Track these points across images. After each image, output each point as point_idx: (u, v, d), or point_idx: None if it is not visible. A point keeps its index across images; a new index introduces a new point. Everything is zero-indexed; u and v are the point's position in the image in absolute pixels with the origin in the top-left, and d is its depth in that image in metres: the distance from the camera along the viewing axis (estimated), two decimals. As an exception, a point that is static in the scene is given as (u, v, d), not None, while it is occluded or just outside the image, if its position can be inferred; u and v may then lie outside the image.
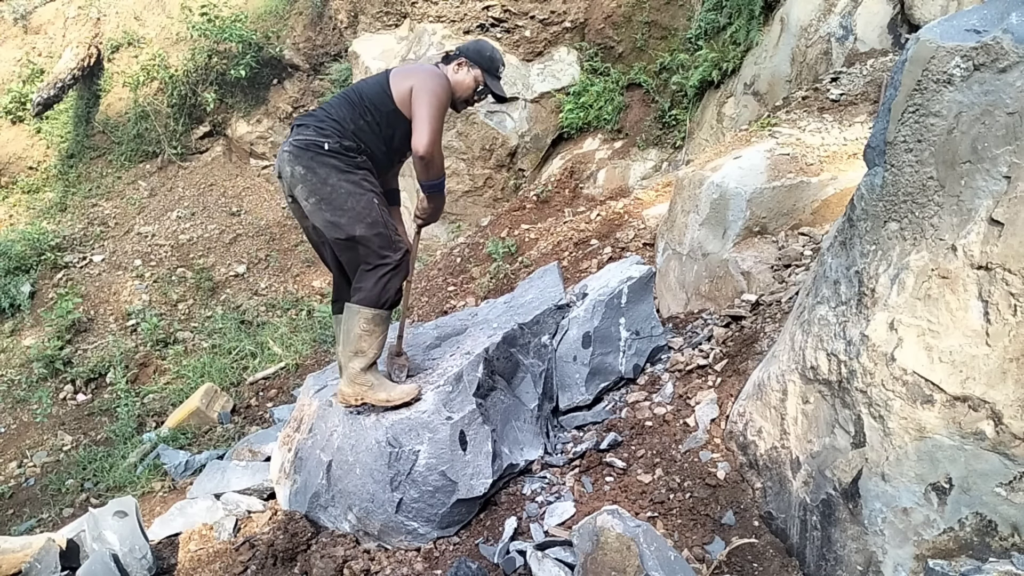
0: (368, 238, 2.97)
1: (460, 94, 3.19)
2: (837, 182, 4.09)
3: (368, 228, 2.97)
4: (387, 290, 3.01)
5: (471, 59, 3.17)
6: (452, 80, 3.15)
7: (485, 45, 3.23)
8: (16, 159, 10.20)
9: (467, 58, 3.17)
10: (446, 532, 3.09)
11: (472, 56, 3.17)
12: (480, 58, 3.17)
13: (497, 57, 3.21)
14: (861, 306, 2.31)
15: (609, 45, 8.29)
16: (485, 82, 3.18)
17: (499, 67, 3.22)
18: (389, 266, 2.99)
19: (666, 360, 3.83)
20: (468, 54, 3.18)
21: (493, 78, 3.21)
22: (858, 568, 2.32)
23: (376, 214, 2.99)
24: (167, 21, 10.51)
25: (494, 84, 3.20)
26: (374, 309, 3.01)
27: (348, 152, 3.02)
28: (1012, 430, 2.00)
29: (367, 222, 2.96)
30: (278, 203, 9.90)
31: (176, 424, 5.91)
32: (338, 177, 2.98)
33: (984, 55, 1.95)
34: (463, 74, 3.17)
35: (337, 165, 2.99)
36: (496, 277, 6.65)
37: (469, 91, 3.19)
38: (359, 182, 3.01)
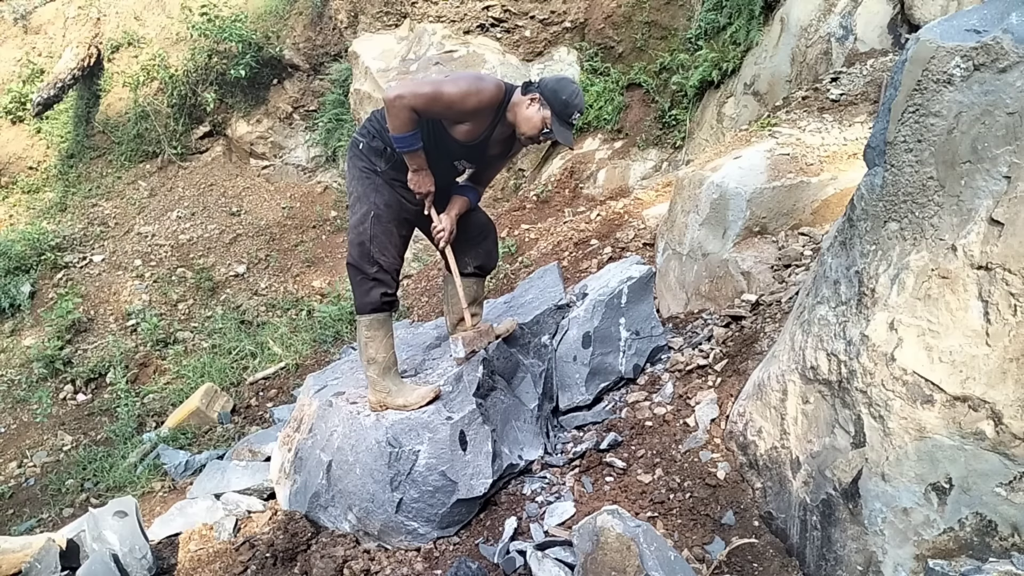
0: (352, 244, 3.08)
1: (526, 130, 2.95)
2: (837, 182, 4.09)
3: (355, 234, 3.06)
4: (368, 297, 3.07)
5: (546, 98, 2.90)
6: (520, 113, 2.93)
7: (566, 86, 2.91)
8: (16, 159, 10.20)
9: (542, 95, 2.91)
10: (446, 532, 3.09)
11: (547, 95, 2.90)
12: (555, 100, 2.89)
13: (574, 103, 2.91)
14: (861, 306, 2.31)
15: (609, 45, 8.29)
16: (552, 126, 2.92)
17: (572, 113, 2.92)
18: (364, 276, 3.07)
19: (666, 360, 3.83)
20: (544, 91, 2.91)
21: (562, 124, 2.93)
22: (858, 568, 2.32)
23: (366, 225, 3.01)
24: (167, 21, 10.51)
25: (560, 132, 2.93)
26: (364, 316, 3.11)
27: (374, 153, 3.03)
28: (1012, 430, 2.00)
29: (356, 230, 3.05)
30: (278, 203, 9.91)
31: (176, 424, 5.91)
32: (355, 177, 3.09)
33: (984, 55, 1.95)
34: (533, 111, 2.92)
35: (360, 165, 3.07)
36: (496, 277, 6.65)
37: (535, 130, 2.94)
38: (369, 190, 3.03)
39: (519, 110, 2.95)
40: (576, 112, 2.93)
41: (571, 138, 3.01)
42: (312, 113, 10.29)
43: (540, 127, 2.93)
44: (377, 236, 3.03)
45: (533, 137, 2.98)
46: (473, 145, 3.02)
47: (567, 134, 2.95)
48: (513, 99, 2.97)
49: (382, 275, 3.06)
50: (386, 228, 3.04)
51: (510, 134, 3.07)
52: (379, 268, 3.05)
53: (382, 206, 3.03)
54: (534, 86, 2.95)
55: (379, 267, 3.05)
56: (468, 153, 3.07)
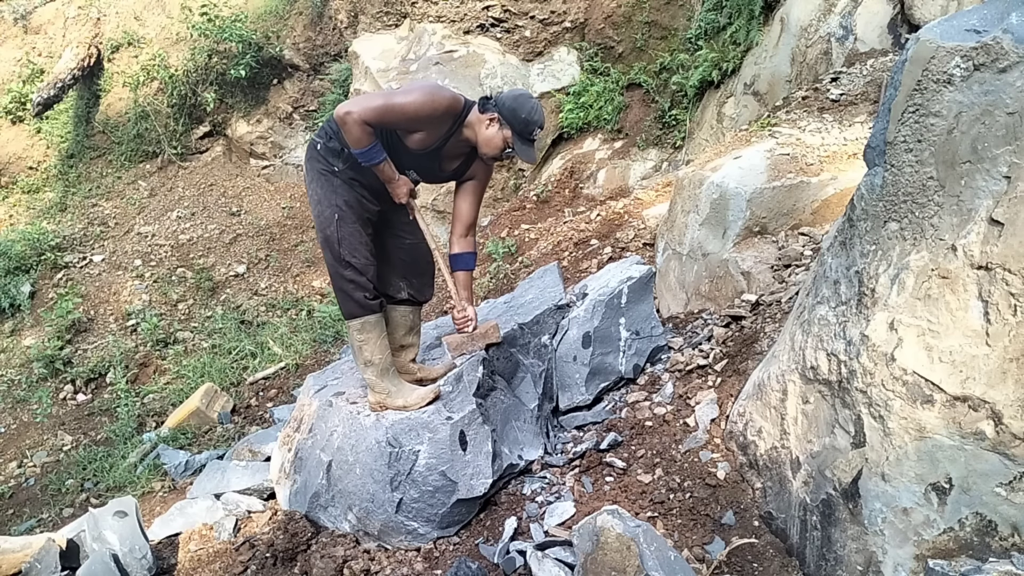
0: (323, 248, 3.05)
1: (486, 151, 2.98)
2: (837, 182, 4.09)
3: (323, 238, 3.03)
4: (351, 301, 3.05)
5: (505, 117, 2.90)
6: (481, 134, 2.94)
7: (524, 104, 2.91)
8: (16, 159, 10.20)
9: (501, 115, 2.91)
10: (446, 532, 3.09)
11: (506, 115, 2.90)
12: (514, 119, 2.89)
13: (533, 119, 2.91)
14: (861, 306, 2.31)
15: (609, 45, 8.28)
16: (513, 145, 2.94)
17: (533, 131, 2.93)
18: (342, 279, 3.04)
19: (666, 360, 3.83)
20: (503, 111, 2.90)
21: (524, 142, 2.94)
22: (858, 568, 2.32)
23: (332, 228, 2.97)
24: (167, 21, 10.50)
25: (522, 150, 2.94)
26: (354, 320, 3.08)
27: (331, 154, 2.99)
28: (1012, 430, 2.00)
29: (324, 233, 3.01)
30: (278, 203, 9.90)
31: (176, 424, 5.91)
32: (314, 179, 3.04)
33: (984, 55, 1.95)
34: (493, 131, 2.93)
35: (318, 167, 3.03)
36: (496, 277, 6.65)
37: (496, 150, 2.96)
38: (329, 191, 2.98)
39: (478, 129, 2.95)
40: (536, 128, 2.94)
41: (534, 155, 3.02)
42: (312, 113, 10.28)
43: (501, 147, 2.95)
44: (345, 238, 2.98)
45: (495, 157, 3.00)
46: (424, 155, 2.99)
47: (530, 152, 2.97)
48: (470, 117, 2.96)
49: (357, 276, 3.01)
50: (352, 229, 2.99)
51: (468, 152, 3.07)
52: (353, 269, 3.00)
53: (344, 207, 2.98)
54: (491, 104, 2.93)
55: (352, 268, 3.00)
56: (419, 163, 3.04)
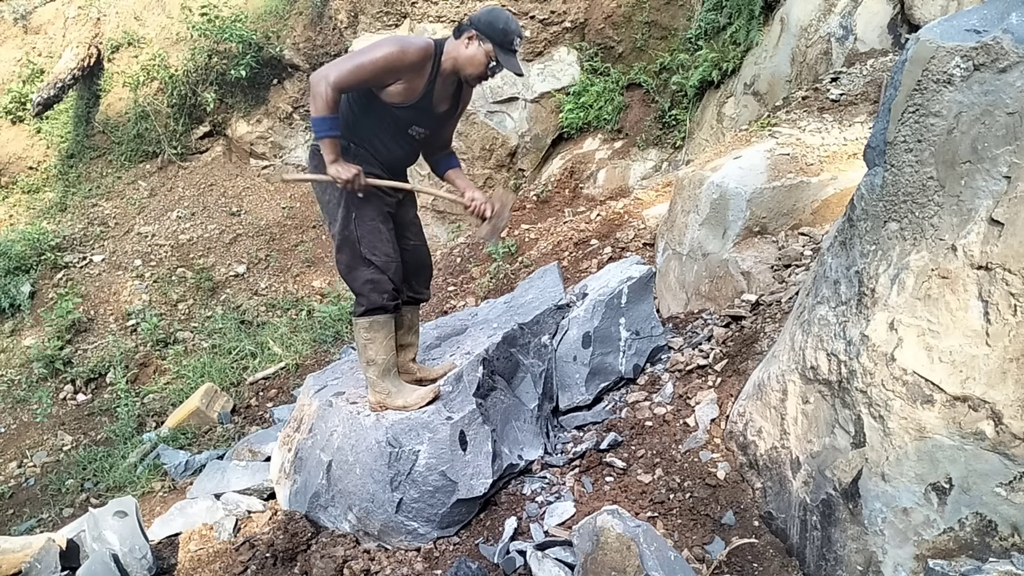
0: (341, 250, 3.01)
1: (471, 70, 2.88)
2: (837, 182, 4.09)
3: (341, 239, 2.99)
4: (366, 300, 3.03)
5: (482, 31, 2.83)
6: (461, 55, 2.86)
7: (499, 15, 2.85)
8: (16, 159, 10.19)
9: (477, 30, 2.83)
10: (446, 532, 3.09)
11: (483, 28, 2.83)
12: (492, 31, 2.82)
13: (511, 28, 2.83)
14: (861, 306, 2.31)
15: (609, 45, 8.28)
16: (497, 57, 2.85)
17: (513, 40, 2.85)
18: (360, 280, 3.01)
19: (666, 360, 3.83)
20: (479, 26, 2.84)
21: (506, 52, 2.85)
22: (858, 568, 2.32)
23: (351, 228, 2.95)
24: (167, 21, 10.50)
25: (506, 60, 2.85)
26: (362, 318, 3.06)
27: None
28: (1012, 430, 2.00)
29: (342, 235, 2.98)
30: (278, 203, 9.90)
31: (176, 424, 5.91)
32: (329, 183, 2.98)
33: (984, 55, 1.95)
34: (473, 48, 2.84)
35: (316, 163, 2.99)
36: (496, 277, 6.65)
37: (481, 67, 2.87)
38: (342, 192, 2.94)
39: (458, 53, 2.88)
40: (516, 36, 2.87)
41: (518, 65, 2.92)
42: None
43: (485, 61, 2.87)
44: (364, 235, 2.96)
45: (480, 75, 2.91)
46: (417, 106, 2.93)
47: (513, 61, 2.89)
48: (447, 47, 2.90)
49: (376, 275, 2.99)
50: (371, 227, 2.97)
51: (455, 86, 3.00)
52: (374, 268, 2.98)
53: (359, 206, 2.95)
54: (466, 24, 2.88)
55: (374, 267, 2.98)
56: (416, 116, 2.97)
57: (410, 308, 3.35)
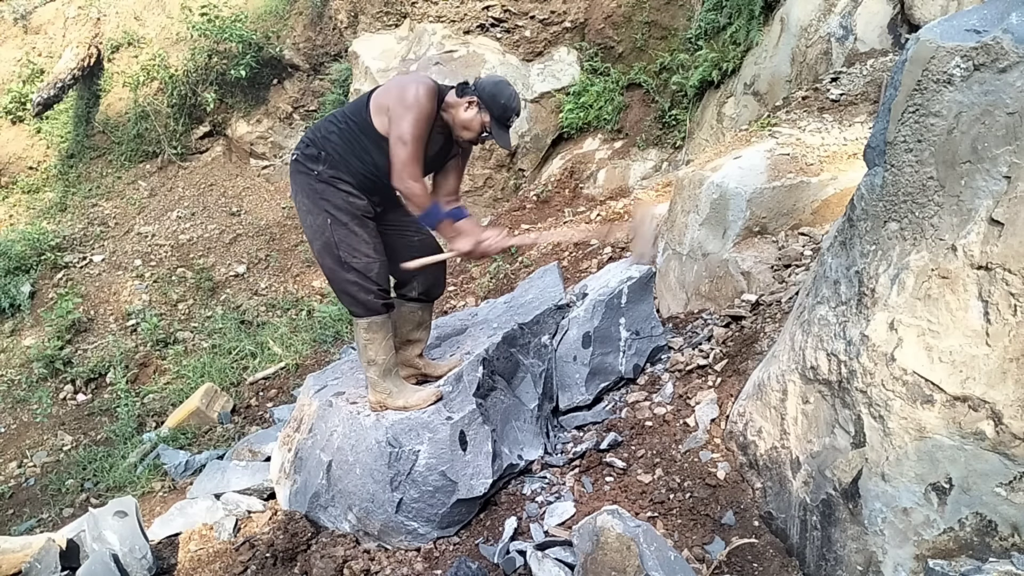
0: (322, 256, 3.04)
1: (462, 133, 3.02)
2: (837, 182, 4.09)
3: (320, 245, 3.01)
4: (357, 302, 3.05)
5: (484, 102, 2.95)
6: (459, 117, 2.97)
7: (503, 90, 2.97)
8: (16, 159, 10.19)
9: (480, 99, 2.95)
10: (446, 532, 3.09)
11: (486, 99, 2.95)
12: (493, 104, 2.94)
13: (512, 106, 2.98)
14: (861, 306, 2.31)
15: (609, 45, 8.29)
16: (491, 130, 2.99)
17: (511, 117, 3.00)
18: (347, 282, 3.02)
19: (666, 360, 3.83)
20: (482, 95, 2.95)
21: (501, 127, 3.00)
22: (858, 568, 2.32)
23: (328, 233, 2.97)
24: (167, 21, 10.50)
25: (499, 135, 3.00)
26: (360, 319, 3.08)
27: (310, 160, 2.98)
28: (1012, 430, 2.00)
29: (320, 240, 3.00)
30: (278, 203, 9.90)
31: (176, 424, 5.91)
32: (299, 191, 3.04)
33: (984, 55, 1.95)
34: (471, 114, 2.96)
35: (301, 179, 3.03)
36: (496, 277, 6.66)
37: (474, 134, 3.01)
38: (316, 198, 2.97)
39: (456, 112, 2.98)
40: (513, 115, 3.01)
41: (509, 142, 3.07)
42: (312, 113, 10.28)
43: (479, 131, 3.00)
44: (341, 240, 2.97)
45: (472, 140, 3.05)
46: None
47: (505, 138, 3.02)
48: (448, 99, 2.99)
49: (360, 278, 3.00)
50: (347, 231, 2.97)
51: (445, 136, 3.07)
52: (354, 272, 2.99)
53: (333, 209, 2.96)
54: (470, 89, 2.97)
55: (354, 271, 2.99)
56: None
57: (421, 306, 3.34)
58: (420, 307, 3.33)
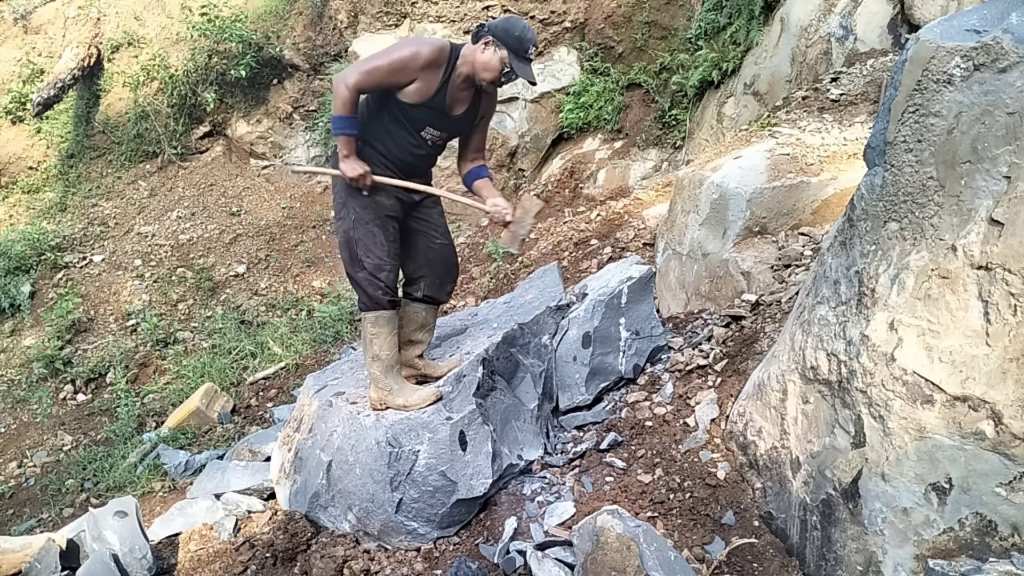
0: (342, 249, 3.14)
1: (483, 75, 2.96)
2: (837, 182, 4.09)
3: (343, 239, 3.12)
4: (367, 296, 3.12)
5: (498, 38, 2.92)
6: (477, 60, 2.95)
7: (515, 23, 2.95)
8: (16, 159, 10.19)
9: (494, 36, 2.93)
10: (446, 532, 3.09)
11: (499, 35, 2.92)
12: (508, 37, 2.91)
13: (527, 37, 2.93)
14: (861, 306, 2.31)
15: (609, 45, 8.28)
16: (511, 64, 2.94)
17: (528, 48, 2.94)
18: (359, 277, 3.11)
19: (666, 360, 3.83)
20: (495, 32, 2.93)
21: (521, 60, 2.94)
22: (858, 568, 2.32)
23: (351, 232, 3.07)
24: (167, 21, 10.50)
25: (520, 68, 2.94)
26: (367, 312, 3.15)
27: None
28: (1012, 430, 2.00)
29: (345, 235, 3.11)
30: (278, 203, 9.90)
31: (176, 424, 5.91)
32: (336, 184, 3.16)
33: (984, 55, 1.95)
34: (489, 54, 2.93)
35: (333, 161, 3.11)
36: (496, 277, 6.65)
37: (495, 72, 2.95)
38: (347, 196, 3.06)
39: (475, 57, 2.97)
40: (531, 46, 2.96)
41: (532, 73, 3.00)
42: (312, 113, 10.28)
43: (499, 68, 2.96)
44: (360, 239, 3.06)
45: (494, 80, 3.00)
46: (430, 105, 2.99)
47: (527, 69, 2.97)
48: (464, 51, 2.99)
49: (370, 276, 3.08)
50: (367, 230, 3.05)
51: (472, 91, 3.07)
52: (366, 271, 3.08)
53: (359, 209, 3.06)
54: (484, 30, 2.97)
55: (366, 270, 3.08)
56: (430, 117, 3.03)
57: (427, 307, 3.36)
58: (424, 308, 3.35)
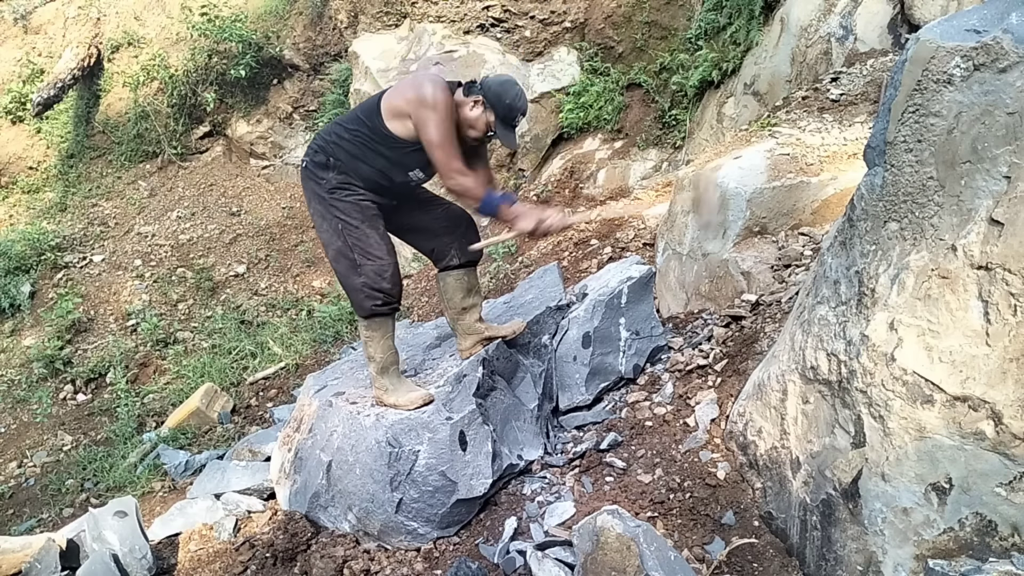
0: (335, 261, 3.10)
1: (468, 132, 3.00)
2: (837, 182, 4.08)
3: (333, 252, 3.08)
4: (362, 304, 3.10)
5: (490, 101, 2.94)
6: (464, 116, 2.96)
7: (508, 89, 2.95)
8: (16, 159, 10.19)
9: (486, 99, 2.94)
10: (446, 532, 3.09)
11: (491, 99, 2.94)
12: (498, 103, 2.93)
13: (517, 106, 2.96)
14: (861, 306, 2.31)
15: (609, 45, 8.28)
16: (495, 129, 2.98)
17: (516, 117, 2.98)
18: (355, 287, 3.08)
19: (666, 360, 3.83)
20: (488, 95, 2.94)
21: (506, 127, 2.98)
22: (858, 568, 2.32)
23: (341, 240, 3.02)
24: (167, 21, 10.50)
25: (504, 135, 2.98)
26: (362, 320, 3.15)
27: (320, 168, 3.02)
28: (1012, 430, 2.00)
29: (334, 247, 3.06)
30: (278, 203, 9.90)
31: (176, 424, 5.91)
32: (311, 198, 3.10)
33: (984, 55, 1.95)
34: (476, 113, 2.96)
35: (311, 186, 3.07)
36: (496, 277, 6.65)
37: (480, 132, 3.00)
38: (327, 206, 3.02)
39: (463, 111, 2.98)
40: (519, 115, 2.99)
41: (514, 141, 3.06)
42: (312, 113, 10.29)
43: (484, 130, 3.00)
44: (356, 244, 3.02)
45: (478, 139, 3.04)
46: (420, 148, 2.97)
47: (511, 137, 3.01)
48: (456, 97, 2.98)
49: (369, 282, 3.04)
50: (361, 233, 3.02)
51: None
52: (366, 276, 3.04)
53: (344, 215, 3.01)
54: (477, 87, 2.97)
55: (366, 276, 3.03)
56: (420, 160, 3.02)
57: (465, 271, 3.35)
58: (465, 272, 3.35)
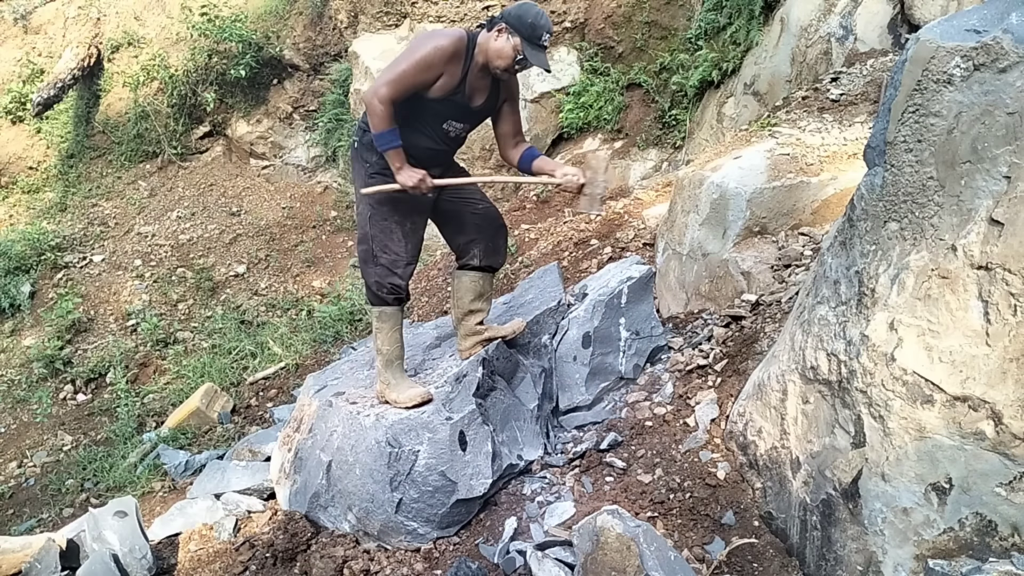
0: (357, 243, 3.21)
1: (496, 63, 2.91)
2: (837, 182, 4.08)
3: (360, 234, 3.18)
4: (373, 291, 3.18)
5: (511, 25, 2.87)
6: (490, 48, 2.90)
7: (529, 9, 2.89)
8: (16, 159, 10.19)
9: (507, 23, 2.88)
10: (446, 532, 3.09)
11: (512, 22, 2.87)
12: (520, 24, 2.86)
13: (540, 23, 2.87)
14: (861, 306, 2.31)
15: (609, 45, 8.28)
16: (524, 52, 2.88)
17: (541, 35, 2.88)
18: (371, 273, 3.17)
19: (666, 360, 3.83)
20: (508, 19, 2.89)
21: (534, 48, 2.88)
22: (858, 568, 2.32)
23: (366, 227, 3.12)
24: (167, 21, 10.50)
25: (533, 55, 2.88)
26: (374, 307, 3.22)
27: (365, 149, 3.07)
28: (1012, 430, 2.00)
29: (362, 230, 3.17)
30: (278, 203, 9.90)
31: (176, 424, 5.91)
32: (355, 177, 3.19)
33: (984, 55, 1.95)
34: (502, 42, 2.88)
35: (356, 166, 3.17)
36: (496, 277, 6.64)
37: (508, 60, 2.90)
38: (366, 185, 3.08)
39: (488, 46, 2.92)
40: (545, 32, 2.90)
41: (545, 60, 2.95)
42: (312, 113, 10.28)
43: (512, 55, 2.91)
44: (376, 235, 3.09)
45: (508, 68, 2.94)
46: (452, 99, 2.96)
47: (541, 56, 2.92)
48: (479, 39, 2.95)
49: (384, 273, 3.13)
50: (383, 226, 3.08)
51: (489, 79, 3.03)
52: (381, 267, 3.13)
53: (375, 204, 3.07)
54: (497, 18, 2.94)
55: (380, 266, 3.13)
56: (452, 110, 3.00)
57: (483, 275, 3.37)
58: (481, 277, 3.36)
